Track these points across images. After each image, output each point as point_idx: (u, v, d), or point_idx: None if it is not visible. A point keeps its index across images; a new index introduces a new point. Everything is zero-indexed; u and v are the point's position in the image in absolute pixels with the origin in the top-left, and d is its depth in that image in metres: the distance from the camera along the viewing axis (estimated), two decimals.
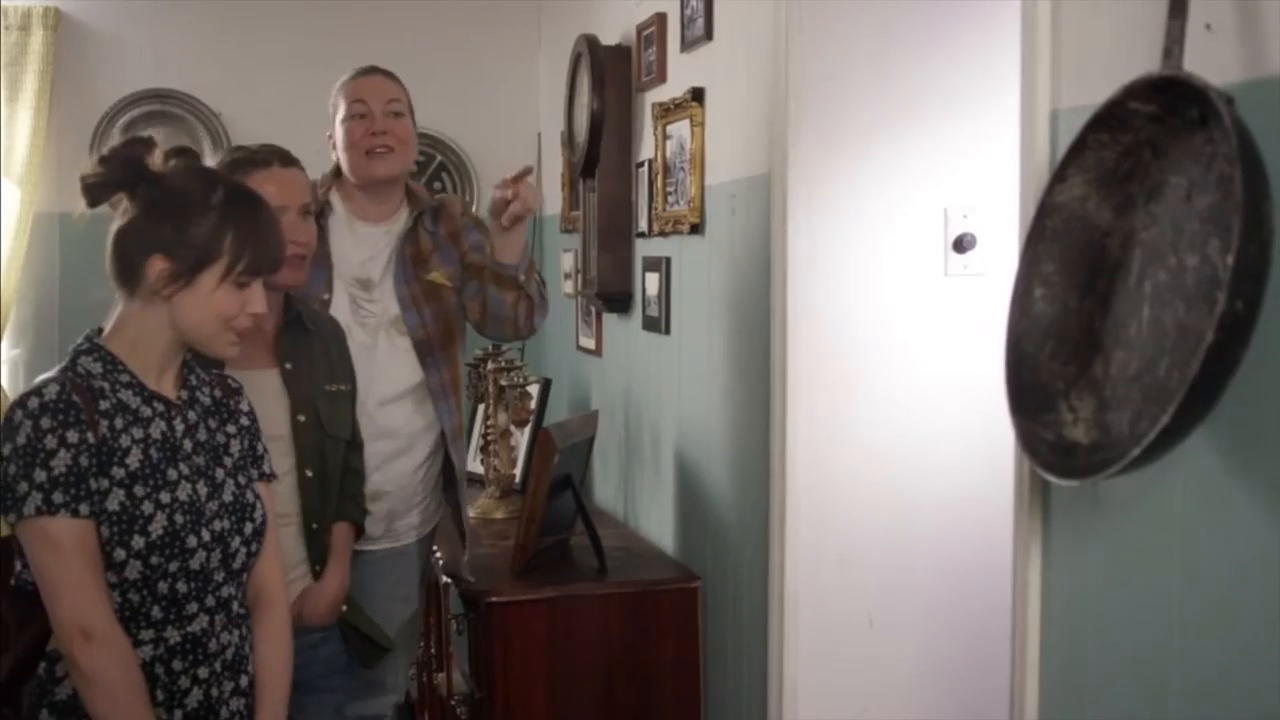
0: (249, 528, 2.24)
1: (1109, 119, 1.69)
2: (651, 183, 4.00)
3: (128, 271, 2.13)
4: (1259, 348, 1.49)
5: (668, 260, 3.91)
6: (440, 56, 5.38)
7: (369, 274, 3.21)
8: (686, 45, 3.75)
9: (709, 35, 3.57)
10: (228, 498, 2.21)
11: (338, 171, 3.29)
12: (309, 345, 2.86)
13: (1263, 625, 1.55)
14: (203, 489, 2.17)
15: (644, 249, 4.13)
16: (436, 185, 5.44)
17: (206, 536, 2.15)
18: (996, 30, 3.03)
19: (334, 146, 3.28)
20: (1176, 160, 1.64)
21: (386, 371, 3.19)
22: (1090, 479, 1.67)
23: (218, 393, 2.32)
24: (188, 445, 2.18)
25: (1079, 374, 1.76)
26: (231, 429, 2.31)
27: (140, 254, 2.10)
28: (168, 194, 2.12)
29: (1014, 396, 1.79)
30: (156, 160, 2.15)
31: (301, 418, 2.78)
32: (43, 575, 2.03)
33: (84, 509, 2.02)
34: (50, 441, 2.00)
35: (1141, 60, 1.65)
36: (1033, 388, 1.78)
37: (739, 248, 3.34)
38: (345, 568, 2.89)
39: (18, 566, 2.12)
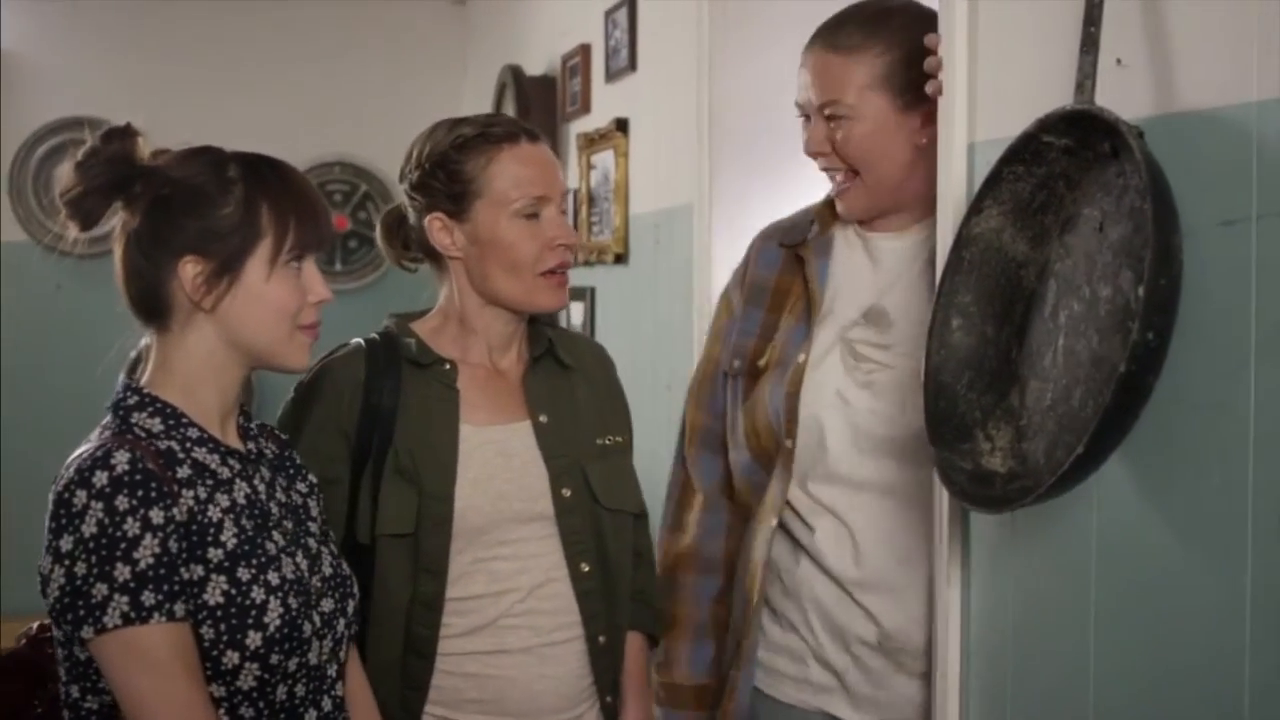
0: (351, 606, 1.79)
1: (1024, 151, 1.71)
2: (576, 213, 4.01)
3: (152, 294, 1.68)
4: (1170, 377, 1.52)
5: (593, 290, 3.92)
6: (365, 87, 5.35)
7: (883, 303, 2.10)
8: (611, 76, 3.77)
9: (633, 66, 3.59)
10: (327, 570, 1.77)
11: None
12: (569, 387, 2.13)
13: (1179, 647, 1.57)
14: (302, 561, 1.71)
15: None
16: (361, 215, 5.40)
17: (318, 622, 1.70)
18: None
19: None
20: (1089, 192, 1.67)
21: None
22: (1007, 509, 1.69)
23: (272, 445, 1.85)
24: (274, 509, 1.73)
25: (996, 403, 1.78)
26: (302, 487, 1.84)
27: (163, 264, 1.66)
28: (174, 182, 1.69)
29: (932, 426, 1.81)
30: (144, 151, 1.73)
31: (567, 492, 2.03)
32: (136, 702, 1.55)
33: (179, 609, 1.56)
34: (131, 526, 1.53)
35: (1055, 94, 1.68)
36: (951, 417, 1.79)
37: (663, 277, 3.35)
38: (646, 696, 2.14)
39: (72, 692, 1.63)
